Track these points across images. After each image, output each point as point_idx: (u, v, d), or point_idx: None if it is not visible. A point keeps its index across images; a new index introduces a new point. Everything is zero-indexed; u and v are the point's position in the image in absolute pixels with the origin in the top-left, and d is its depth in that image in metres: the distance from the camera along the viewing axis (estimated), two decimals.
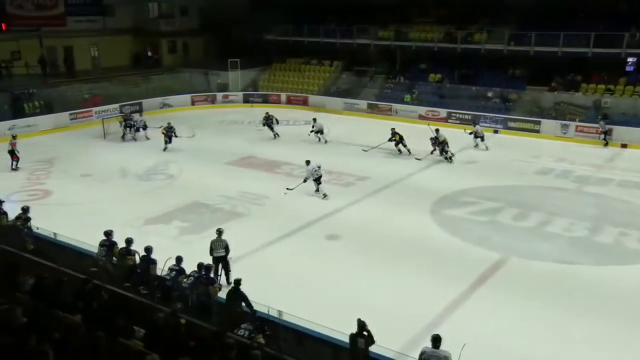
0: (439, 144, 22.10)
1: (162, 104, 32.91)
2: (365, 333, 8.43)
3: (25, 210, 13.17)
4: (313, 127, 25.02)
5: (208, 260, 11.58)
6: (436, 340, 7.96)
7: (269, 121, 26.00)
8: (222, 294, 10.30)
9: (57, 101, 29.31)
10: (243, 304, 9.72)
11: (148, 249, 11.05)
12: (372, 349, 8.52)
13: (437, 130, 22.70)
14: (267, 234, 15.08)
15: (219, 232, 12.44)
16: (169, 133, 23.62)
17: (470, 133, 24.59)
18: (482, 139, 24.37)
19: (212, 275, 10.79)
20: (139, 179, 20.35)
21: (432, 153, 22.30)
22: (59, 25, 32.90)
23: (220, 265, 12.19)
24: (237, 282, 9.95)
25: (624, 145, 24.50)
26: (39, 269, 9.65)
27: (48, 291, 7.96)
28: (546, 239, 15.04)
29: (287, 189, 18.04)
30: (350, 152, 23.33)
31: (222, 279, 11.97)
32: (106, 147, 24.94)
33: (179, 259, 10.77)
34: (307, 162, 18.19)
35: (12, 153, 20.98)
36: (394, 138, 22.79)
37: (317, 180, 17.96)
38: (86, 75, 33.45)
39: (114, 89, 32.19)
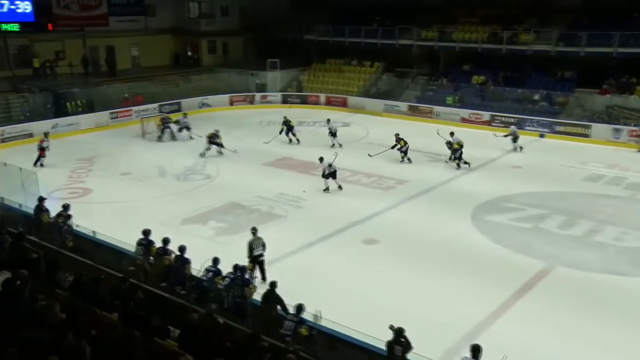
0: (454, 149, 21.51)
1: (201, 103, 33.42)
2: (402, 340, 8.36)
3: (66, 207, 13.55)
4: (329, 128, 24.95)
5: (244, 261, 11.69)
6: (476, 350, 7.82)
7: (288, 125, 25.47)
8: (257, 296, 10.37)
9: (98, 100, 30.12)
10: (278, 306, 9.78)
11: (182, 249, 11.21)
12: (409, 356, 8.43)
13: (452, 134, 22.32)
14: (304, 236, 15.13)
15: (255, 230, 12.58)
16: (214, 140, 23.28)
17: (506, 136, 24.09)
18: (516, 139, 23.87)
19: (247, 276, 10.89)
20: (176, 178, 20.71)
21: (450, 158, 21.71)
22: (102, 25, 33.86)
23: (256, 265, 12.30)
24: (273, 284, 10.02)
25: None
26: (78, 267, 9.92)
27: (86, 289, 8.18)
28: (594, 248, 14.61)
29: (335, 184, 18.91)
30: (390, 155, 23.12)
31: (258, 280, 12.05)
32: (145, 147, 25.49)
33: (215, 260, 10.90)
34: (321, 159, 18.94)
35: (42, 149, 21.73)
36: (398, 144, 22.25)
37: (332, 175, 18.69)
38: (127, 75, 34.31)
39: (153, 89, 32.92)
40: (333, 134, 24.79)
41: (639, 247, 14.66)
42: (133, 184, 20.03)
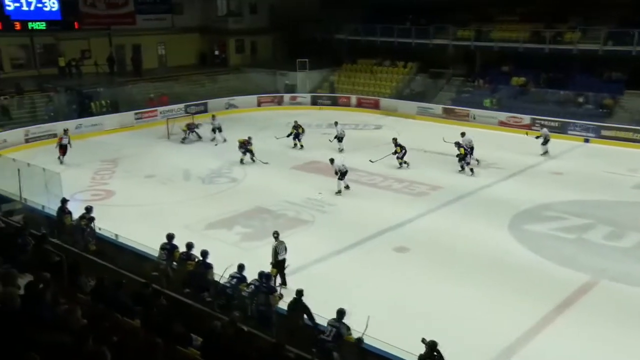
0: (460, 156, 21.19)
1: (228, 104, 33.71)
2: (435, 354, 8.26)
3: (89, 210, 13.80)
4: (337, 131, 24.78)
5: (269, 267, 11.71)
6: None
7: (297, 130, 25.43)
8: (282, 304, 10.37)
9: (123, 100, 30.65)
10: (305, 316, 9.76)
11: (204, 253, 11.30)
12: None
13: (462, 134, 22.07)
14: (332, 243, 15.11)
15: (277, 234, 12.70)
16: (245, 146, 22.89)
17: (537, 137, 23.65)
18: (546, 142, 23.48)
19: (272, 283, 10.91)
20: (202, 181, 20.91)
21: (462, 161, 21.23)
22: (128, 24, 34.53)
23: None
24: (299, 292, 9.98)
25: None
26: (100, 270, 10.07)
27: (108, 293, 8.28)
28: None
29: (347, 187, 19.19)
30: (423, 159, 22.96)
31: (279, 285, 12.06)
32: (170, 148, 25.80)
33: (240, 267, 10.96)
34: (331, 161, 19.37)
35: (62, 147, 22.40)
36: (395, 150, 21.94)
37: (342, 176, 19.03)
38: (152, 74, 34.85)
39: (179, 89, 33.35)
40: (339, 138, 24.67)
41: None
42: (157, 187, 20.28)
